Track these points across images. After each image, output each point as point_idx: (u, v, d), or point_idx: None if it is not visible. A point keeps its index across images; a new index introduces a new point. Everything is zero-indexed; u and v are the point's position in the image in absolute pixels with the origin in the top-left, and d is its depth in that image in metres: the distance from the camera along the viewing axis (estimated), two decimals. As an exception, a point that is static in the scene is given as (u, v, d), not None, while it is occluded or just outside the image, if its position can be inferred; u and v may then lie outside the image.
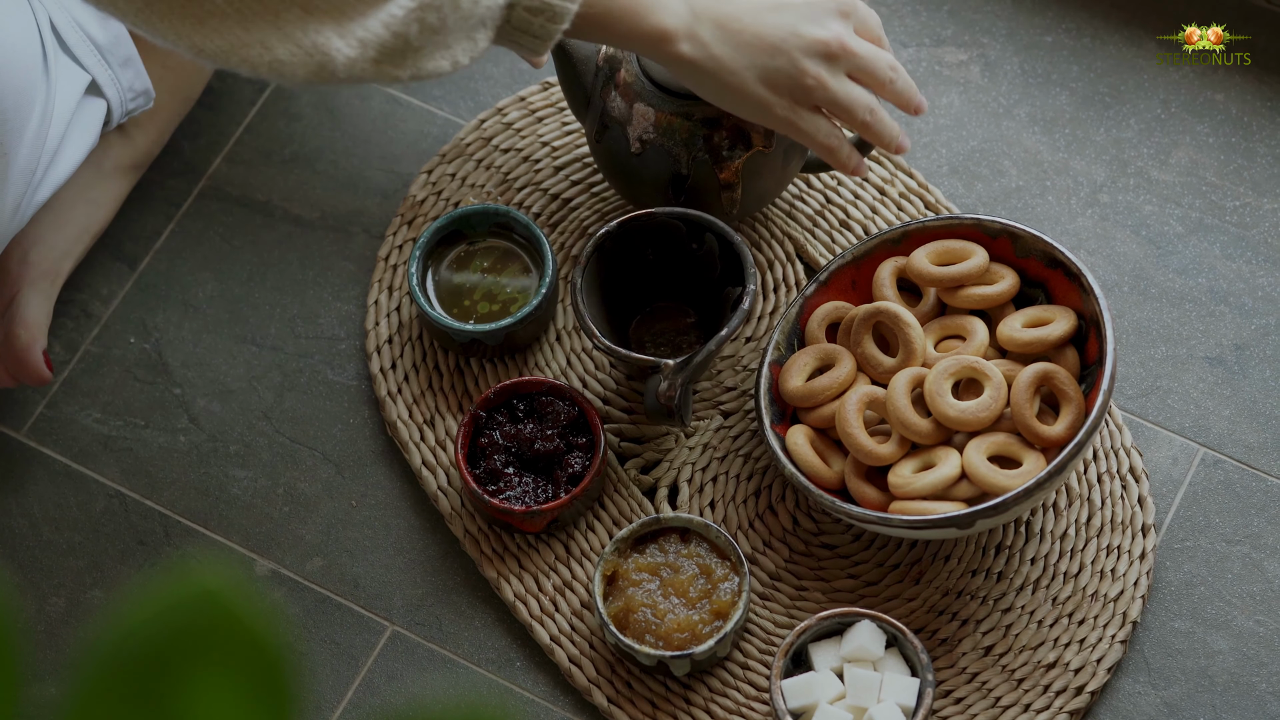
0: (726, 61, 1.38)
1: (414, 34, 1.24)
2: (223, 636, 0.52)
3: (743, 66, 1.39)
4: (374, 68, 1.24)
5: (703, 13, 1.37)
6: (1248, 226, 1.63)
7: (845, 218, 1.64)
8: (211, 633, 0.52)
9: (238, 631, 0.52)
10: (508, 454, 1.51)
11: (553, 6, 1.29)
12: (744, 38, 1.38)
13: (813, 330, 1.52)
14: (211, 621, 0.52)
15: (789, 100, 1.40)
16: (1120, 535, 1.51)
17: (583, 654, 1.50)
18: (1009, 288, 1.50)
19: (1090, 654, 1.47)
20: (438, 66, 1.27)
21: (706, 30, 1.38)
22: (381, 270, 1.64)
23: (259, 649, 0.52)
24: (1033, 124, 1.68)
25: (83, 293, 1.65)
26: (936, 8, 1.73)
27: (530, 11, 1.29)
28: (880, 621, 1.44)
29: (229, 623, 0.52)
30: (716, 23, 1.38)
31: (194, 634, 0.52)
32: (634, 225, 1.53)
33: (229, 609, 0.52)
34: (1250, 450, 1.55)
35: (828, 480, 1.47)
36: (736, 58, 1.38)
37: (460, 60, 1.28)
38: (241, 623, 0.52)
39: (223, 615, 0.52)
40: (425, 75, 1.27)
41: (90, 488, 1.58)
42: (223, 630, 0.52)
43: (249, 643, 0.52)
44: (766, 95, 1.40)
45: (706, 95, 1.41)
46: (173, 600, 0.52)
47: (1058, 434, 1.44)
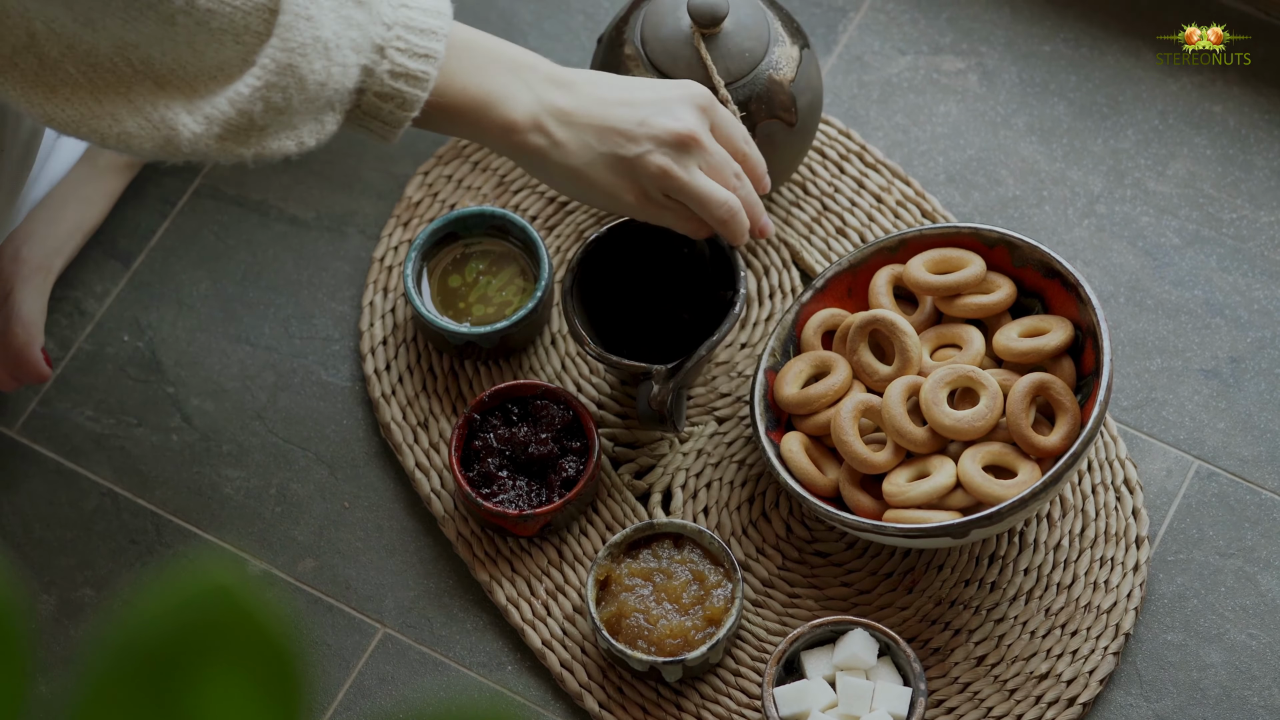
0: (573, 150, 1.38)
1: (259, 112, 1.24)
2: (234, 633, 0.51)
3: (590, 155, 1.38)
4: (218, 144, 1.25)
5: (550, 104, 1.37)
6: (1244, 239, 1.63)
7: (842, 224, 1.64)
8: (223, 629, 0.51)
9: (249, 628, 0.51)
10: (502, 457, 1.51)
11: (403, 94, 1.30)
12: (591, 127, 1.38)
13: (808, 337, 1.52)
14: (223, 618, 0.51)
15: (639, 188, 1.40)
16: (1114, 547, 1.51)
17: (575, 659, 1.50)
18: (1006, 297, 1.50)
19: (1083, 665, 1.47)
20: (282, 146, 1.27)
21: (553, 121, 1.37)
22: (377, 271, 1.63)
23: (270, 646, 0.52)
24: (1030, 133, 1.68)
25: (76, 290, 1.64)
26: (935, 16, 1.73)
27: (380, 98, 1.30)
28: (873, 630, 1.44)
29: (241, 619, 0.51)
30: (563, 114, 1.38)
31: (206, 630, 0.51)
32: (622, 231, 1.53)
33: (241, 606, 0.51)
34: (1245, 463, 1.55)
35: (822, 488, 1.46)
36: (583, 147, 1.38)
37: (306, 141, 1.28)
38: (253, 620, 0.51)
39: (235, 612, 0.51)
40: (269, 155, 1.27)
41: (82, 485, 1.58)
42: (235, 627, 0.51)
43: (260, 640, 0.52)
44: (614, 182, 1.39)
45: (556, 185, 1.41)
46: (185, 596, 0.51)
47: (1053, 444, 1.43)
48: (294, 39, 1.23)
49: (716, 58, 1.50)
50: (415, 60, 1.30)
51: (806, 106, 1.54)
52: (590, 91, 1.39)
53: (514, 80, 1.36)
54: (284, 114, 1.26)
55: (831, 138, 1.67)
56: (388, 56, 1.29)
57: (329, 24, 1.25)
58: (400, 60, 1.29)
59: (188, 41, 1.22)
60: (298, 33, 1.23)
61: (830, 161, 1.66)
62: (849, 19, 1.73)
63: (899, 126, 1.68)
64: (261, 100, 1.24)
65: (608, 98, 1.39)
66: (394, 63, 1.29)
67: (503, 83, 1.36)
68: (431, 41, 1.30)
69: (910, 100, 1.69)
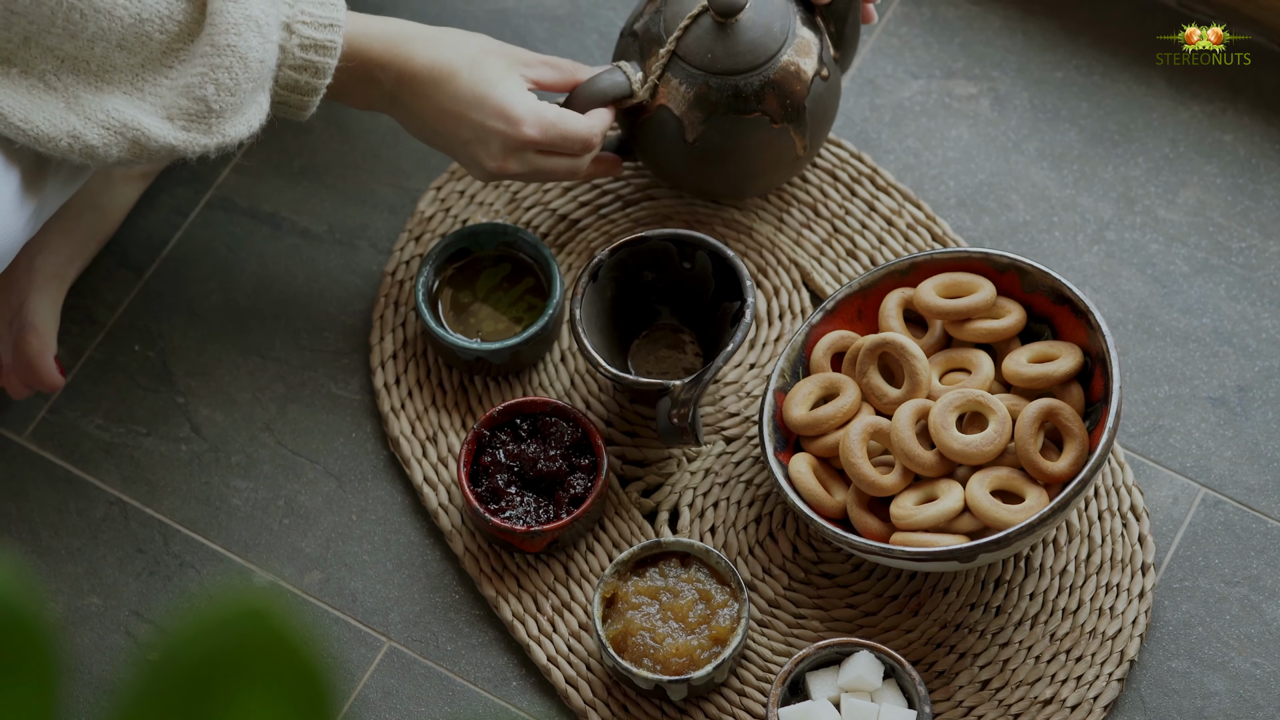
0: (416, 129, 1.51)
1: (212, 96, 1.32)
2: (268, 656, 0.52)
3: (430, 136, 1.50)
4: (185, 136, 1.33)
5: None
6: (1253, 268, 1.63)
7: (852, 247, 1.65)
8: (257, 652, 0.52)
9: (283, 652, 0.52)
10: (510, 473, 1.51)
11: (314, 64, 1.39)
12: (430, 129, 1.50)
13: (818, 359, 1.52)
14: (257, 641, 0.52)
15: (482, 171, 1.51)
16: (1120, 573, 1.51)
17: (580, 675, 1.50)
18: (1016, 322, 1.51)
19: (1087, 691, 1.48)
20: (237, 132, 1.35)
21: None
22: (388, 285, 1.64)
23: (303, 670, 0.52)
24: (1041, 159, 1.68)
25: (88, 299, 1.65)
26: (948, 40, 1.73)
27: (296, 70, 1.38)
28: (878, 652, 1.44)
29: (274, 643, 0.52)
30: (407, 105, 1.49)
31: (239, 653, 0.52)
32: (625, 251, 1.54)
33: (275, 629, 0.52)
34: (1251, 492, 1.55)
35: (830, 509, 1.47)
36: (424, 133, 1.50)
37: (253, 124, 1.36)
38: (286, 643, 0.52)
39: (268, 635, 0.52)
40: (229, 142, 1.34)
41: (90, 494, 1.58)
42: (268, 650, 0.52)
43: (293, 663, 0.52)
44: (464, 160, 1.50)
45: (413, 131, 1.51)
46: (219, 619, 0.52)
47: (1061, 470, 1.44)
48: (226, 20, 1.31)
49: (749, 39, 1.53)
50: (321, 30, 1.39)
51: (819, 101, 1.56)
52: (425, 106, 1.47)
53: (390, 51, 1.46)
54: (234, 94, 1.33)
55: (843, 160, 1.67)
56: (296, 32, 1.37)
57: (255, 3, 1.33)
58: (308, 34, 1.38)
59: (119, 41, 1.29)
60: (229, 15, 1.31)
61: (842, 184, 1.66)
62: (862, 42, 1.73)
63: (910, 150, 1.69)
64: (212, 84, 1.31)
65: (436, 127, 1.48)
66: (302, 36, 1.38)
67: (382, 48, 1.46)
68: (332, 11, 1.39)
69: (922, 124, 1.70)
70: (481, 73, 1.47)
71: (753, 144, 1.55)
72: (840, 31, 1.57)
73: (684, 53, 1.53)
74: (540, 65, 1.52)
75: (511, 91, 1.47)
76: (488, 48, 1.49)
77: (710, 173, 1.58)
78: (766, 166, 1.58)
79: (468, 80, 1.46)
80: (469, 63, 1.47)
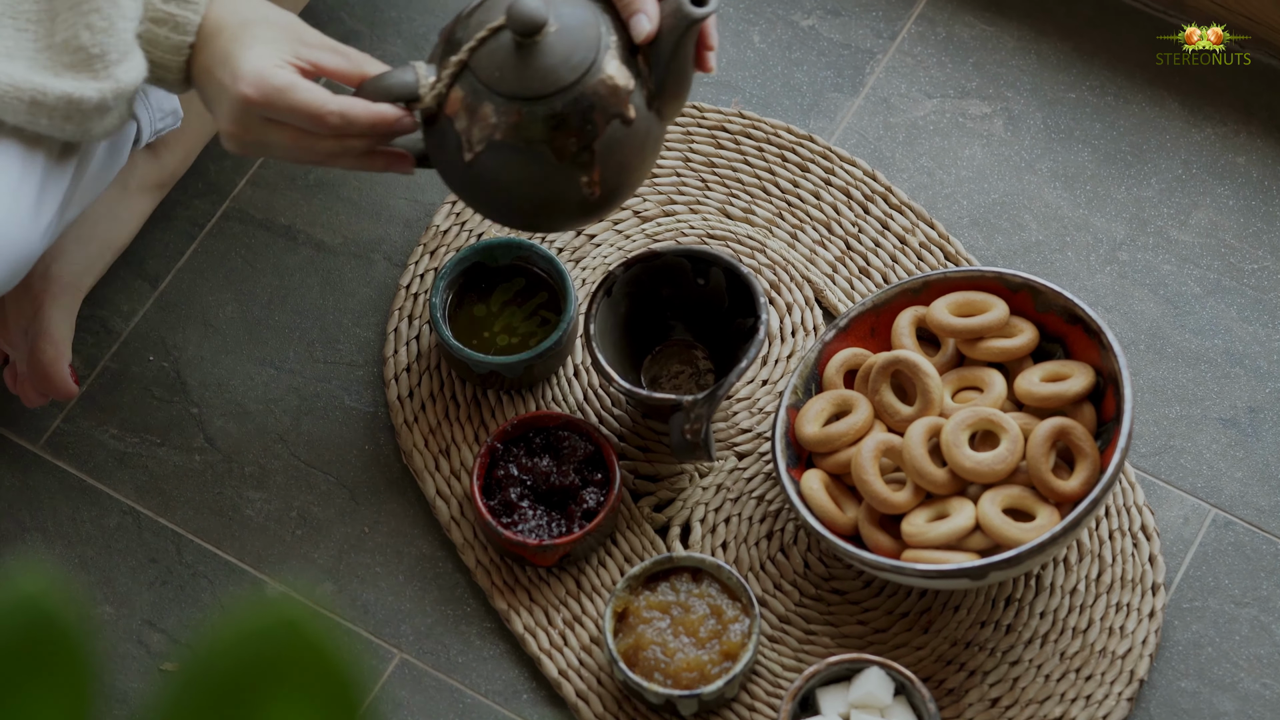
0: None
1: (88, 41, 1.33)
2: (301, 667, 0.52)
3: None
4: (74, 83, 1.33)
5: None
6: (1265, 290, 1.64)
7: (865, 265, 1.65)
8: (289, 663, 0.52)
9: (316, 662, 0.52)
10: (523, 487, 1.51)
11: (175, 17, 1.36)
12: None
13: (830, 376, 1.53)
14: (290, 652, 0.52)
15: None
16: (1130, 593, 1.51)
17: (590, 689, 1.51)
18: (1028, 342, 1.51)
19: (1097, 710, 1.48)
20: (129, 74, 1.34)
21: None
22: (402, 298, 1.64)
23: (336, 680, 0.52)
24: (1054, 179, 1.69)
25: (103, 309, 1.65)
26: (961, 60, 1.74)
27: (156, 23, 1.37)
28: (889, 669, 1.44)
29: (307, 653, 0.52)
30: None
31: (272, 663, 0.52)
32: (640, 267, 1.55)
33: (308, 639, 0.52)
34: (1261, 513, 1.56)
35: (841, 526, 1.47)
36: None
37: (144, 68, 1.35)
38: (320, 653, 0.52)
39: (301, 645, 0.52)
40: (125, 85, 1.34)
41: (104, 503, 1.59)
42: (301, 660, 0.52)
43: (326, 674, 0.52)
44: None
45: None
46: (252, 629, 0.52)
47: (1073, 489, 1.44)
48: None
49: (544, 65, 1.40)
50: None
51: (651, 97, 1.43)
52: (193, 64, 1.41)
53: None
54: (110, 34, 1.33)
55: (857, 178, 1.68)
56: None
57: None
58: None
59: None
60: None
61: (855, 202, 1.67)
62: (876, 61, 1.74)
63: (924, 169, 1.69)
64: (85, 29, 1.32)
65: (196, 85, 1.42)
66: None
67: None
68: None
69: (935, 143, 1.70)
70: (243, 34, 1.38)
71: (529, 177, 1.41)
72: (661, 78, 1.41)
73: (476, 65, 1.40)
74: (325, 50, 1.41)
75: (258, 56, 1.37)
76: (270, 17, 1.40)
77: (486, 198, 1.44)
78: (545, 205, 1.44)
79: (228, 39, 1.38)
80: (239, 23, 1.39)
